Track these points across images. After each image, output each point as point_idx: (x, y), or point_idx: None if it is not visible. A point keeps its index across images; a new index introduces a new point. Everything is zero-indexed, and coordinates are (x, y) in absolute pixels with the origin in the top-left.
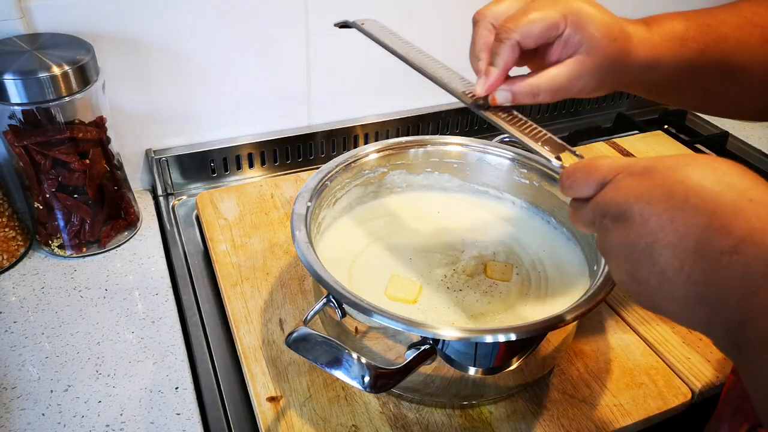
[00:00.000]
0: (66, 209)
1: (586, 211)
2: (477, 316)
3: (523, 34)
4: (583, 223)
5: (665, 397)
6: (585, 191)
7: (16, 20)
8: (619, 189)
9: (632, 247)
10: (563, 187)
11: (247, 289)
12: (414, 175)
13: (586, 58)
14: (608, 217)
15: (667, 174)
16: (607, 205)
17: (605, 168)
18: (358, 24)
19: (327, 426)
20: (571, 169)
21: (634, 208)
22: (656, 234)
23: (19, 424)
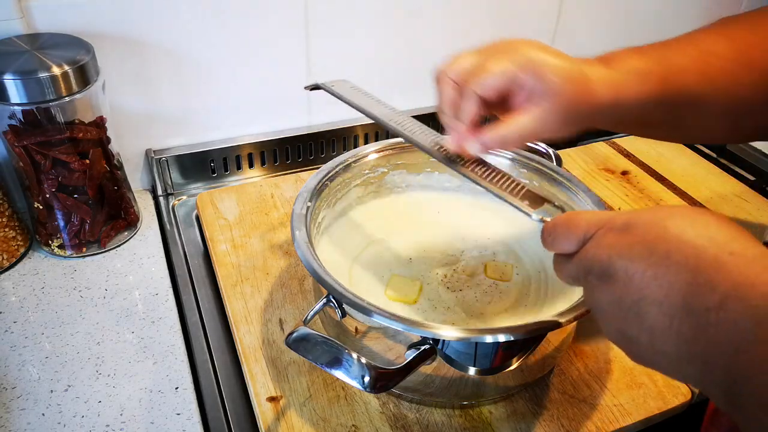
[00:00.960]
0: (66, 209)
1: (570, 267)
2: (477, 316)
3: (483, 88)
4: (568, 279)
5: (665, 397)
6: (567, 247)
7: (16, 20)
8: (601, 246)
9: (619, 304)
10: (545, 243)
11: (247, 289)
12: (414, 175)
13: (549, 104)
14: (593, 275)
15: (647, 229)
16: (590, 262)
17: (585, 224)
18: (328, 86)
19: (327, 426)
20: (551, 225)
21: (617, 266)
22: (642, 291)
23: (19, 424)
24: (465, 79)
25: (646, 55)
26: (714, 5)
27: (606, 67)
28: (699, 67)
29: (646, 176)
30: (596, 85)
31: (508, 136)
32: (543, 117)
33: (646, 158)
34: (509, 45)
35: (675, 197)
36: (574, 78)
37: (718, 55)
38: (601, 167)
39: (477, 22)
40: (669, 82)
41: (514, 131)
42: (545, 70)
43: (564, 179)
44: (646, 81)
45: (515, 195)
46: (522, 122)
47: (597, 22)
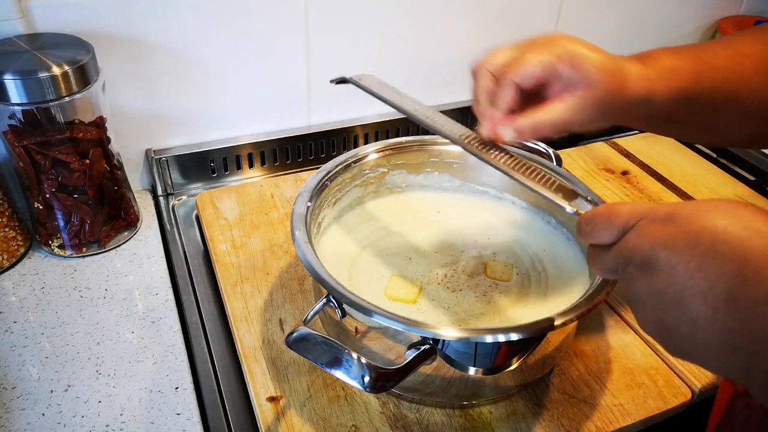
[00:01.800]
0: (66, 209)
1: (608, 258)
2: (477, 316)
3: (521, 76)
4: (605, 270)
5: (665, 397)
6: (605, 238)
7: (16, 20)
8: (643, 236)
9: (661, 295)
10: (582, 234)
11: (247, 289)
12: (414, 175)
13: (585, 93)
14: (633, 265)
15: (691, 220)
16: (631, 252)
17: (626, 214)
18: (356, 80)
19: (327, 426)
20: (590, 215)
21: (660, 256)
22: (685, 282)
23: (19, 424)
24: (503, 70)
25: (680, 54)
26: (714, 6)
27: (640, 63)
28: (732, 66)
29: (646, 176)
30: (632, 79)
31: (542, 122)
32: (578, 106)
33: (646, 158)
34: (548, 38)
35: (675, 197)
36: (610, 70)
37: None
38: (601, 167)
39: (476, 23)
40: (701, 80)
41: (548, 118)
42: (583, 61)
43: (564, 179)
44: (678, 78)
45: (549, 188)
46: (557, 110)
47: (597, 22)
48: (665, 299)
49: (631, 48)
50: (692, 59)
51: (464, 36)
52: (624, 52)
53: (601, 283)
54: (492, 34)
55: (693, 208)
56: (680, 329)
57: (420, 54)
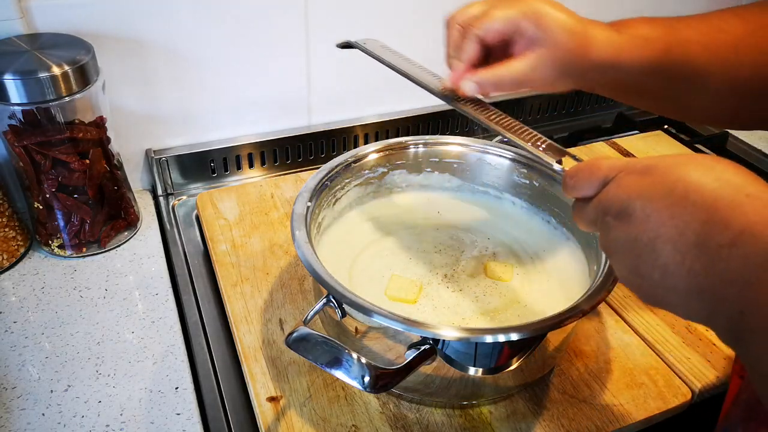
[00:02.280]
0: (66, 209)
1: (589, 209)
2: (477, 316)
3: (484, 29)
4: (586, 222)
5: (665, 397)
6: (587, 190)
7: (16, 20)
8: (621, 187)
9: (635, 242)
10: (566, 188)
11: (247, 289)
12: (414, 175)
13: (545, 51)
14: (610, 215)
15: (667, 172)
16: (609, 202)
17: (606, 167)
18: (360, 44)
19: (327, 426)
20: (573, 170)
21: (636, 205)
22: (658, 230)
23: (19, 424)
24: (470, 23)
25: (655, 24)
26: (714, 6)
27: (612, 29)
28: (705, 40)
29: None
30: (596, 42)
31: (502, 77)
32: (538, 63)
33: None
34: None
35: None
36: (573, 31)
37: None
38: None
39: None
40: (672, 51)
41: (508, 73)
42: (546, 20)
43: None
44: (649, 46)
45: (537, 146)
46: (517, 66)
47: None
48: (639, 246)
49: None
50: (666, 30)
51: None
52: None
53: (601, 283)
54: None
55: (670, 160)
56: (652, 275)
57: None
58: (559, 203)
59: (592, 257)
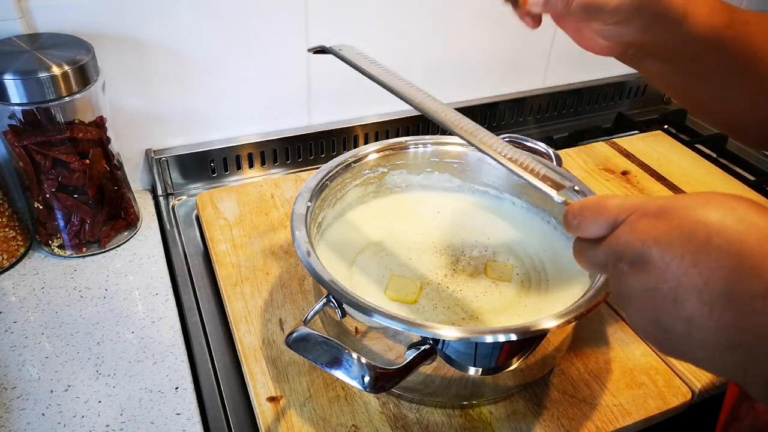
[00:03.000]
0: (66, 209)
1: (597, 253)
2: (477, 316)
3: None
4: (593, 265)
5: (665, 397)
6: (594, 231)
7: (16, 20)
8: (635, 231)
9: (654, 292)
10: (568, 226)
11: (247, 289)
12: (414, 175)
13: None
14: (624, 261)
15: (684, 214)
16: (622, 248)
17: (616, 208)
18: (336, 50)
19: (327, 426)
20: (577, 207)
21: (653, 252)
22: (680, 278)
23: (19, 424)
24: None
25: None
26: None
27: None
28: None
29: (646, 176)
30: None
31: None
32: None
33: (646, 158)
34: None
35: None
36: None
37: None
38: (601, 167)
39: (478, 23)
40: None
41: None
42: None
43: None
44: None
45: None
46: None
47: None
48: (659, 297)
49: None
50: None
51: (465, 36)
52: None
53: (602, 284)
54: (492, 34)
55: (686, 201)
56: (675, 328)
57: (421, 54)
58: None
59: None
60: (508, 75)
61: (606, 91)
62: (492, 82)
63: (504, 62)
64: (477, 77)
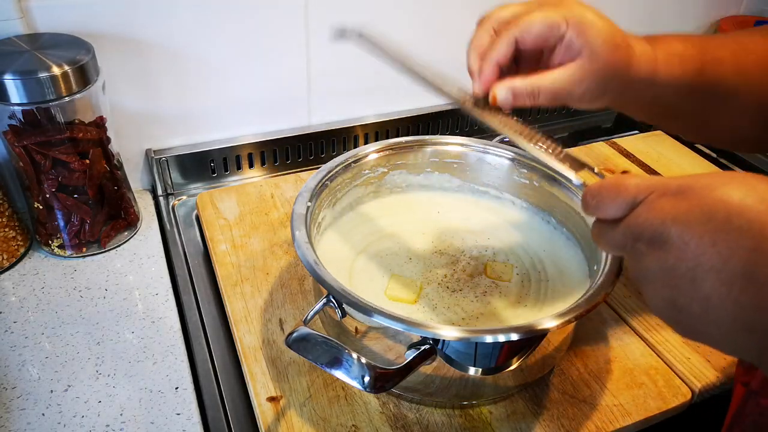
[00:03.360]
0: (66, 209)
1: (616, 233)
2: (477, 316)
3: (521, 30)
4: (612, 246)
5: (665, 397)
6: (613, 212)
7: (16, 20)
8: (654, 210)
9: (672, 272)
10: (587, 207)
11: (247, 289)
12: (414, 175)
13: (587, 63)
14: (642, 241)
15: (704, 193)
16: (640, 227)
17: (635, 187)
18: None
19: (327, 426)
20: (596, 187)
21: (672, 231)
22: (698, 258)
23: (19, 424)
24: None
25: (688, 42)
26: (714, 6)
27: (648, 43)
28: (736, 60)
29: (646, 176)
30: (637, 57)
31: (541, 86)
32: (579, 74)
33: (646, 158)
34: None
35: None
36: (616, 42)
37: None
38: (601, 167)
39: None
40: (706, 70)
41: (546, 82)
42: (590, 28)
43: (564, 179)
44: (684, 65)
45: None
46: (556, 76)
47: None
48: (677, 276)
49: None
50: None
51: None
52: None
53: (601, 284)
54: None
55: (706, 180)
56: (692, 308)
57: (421, 53)
58: (559, 203)
59: (592, 257)
60: None
61: None
62: None
63: None
64: None
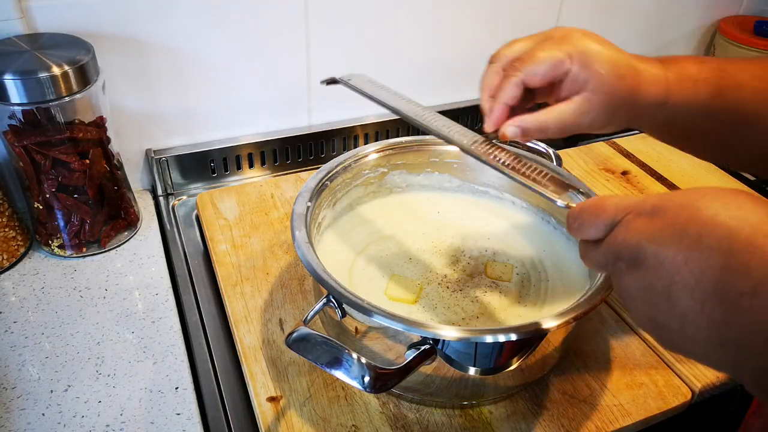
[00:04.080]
0: (66, 209)
1: (597, 253)
2: (477, 316)
3: (527, 72)
4: (595, 265)
5: (665, 397)
6: (593, 233)
7: (16, 20)
8: (630, 231)
9: (649, 290)
10: (570, 229)
11: (247, 289)
12: (414, 175)
13: (593, 96)
14: (622, 260)
15: (678, 212)
16: (618, 247)
17: (613, 209)
18: (345, 80)
19: (327, 426)
20: (577, 210)
21: (647, 251)
22: (672, 276)
23: (19, 424)
24: (512, 65)
25: (705, 64)
26: (714, 6)
27: (661, 65)
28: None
29: (646, 176)
30: (646, 81)
31: (548, 121)
32: (585, 107)
33: (646, 158)
34: (563, 33)
35: None
36: (621, 71)
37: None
38: (601, 167)
39: (476, 23)
40: (724, 94)
41: (553, 118)
42: (592, 60)
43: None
44: (699, 88)
45: (539, 181)
46: (562, 110)
47: (596, 23)
48: (654, 295)
49: (631, 48)
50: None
51: (464, 36)
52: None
53: (602, 284)
54: (492, 34)
55: (680, 199)
56: (671, 324)
57: (420, 54)
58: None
59: None
60: None
61: None
62: None
63: None
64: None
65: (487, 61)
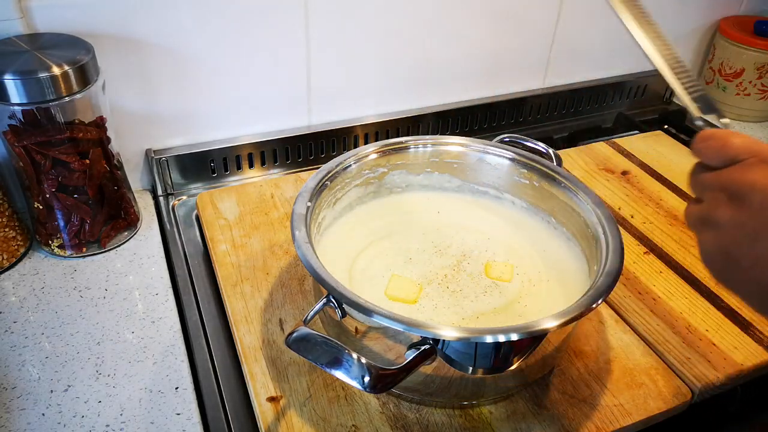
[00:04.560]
0: (66, 209)
1: (706, 178)
2: (477, 316)
3: None
4: (696, 185)
5: (665, 397)
6: (713, 160)
7: (16, 20)
8: (748, 174)
9: (739, 226)
10: (694, 148)
11: (247, 289)
12: (414, 175)
13: None
14: (726, 192)
15: None
16: (729, 182)
17: (739, 147)
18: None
19: (327, 426)
20: (707, 134)
21: (756, 196)
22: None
23: (19, 424)
24: None
25: None
26: (714, 6)
27: None
28: None
29: (646, 176)
30: None
31: None
32: None
33: (646, 158)
34: None
35: (675, 197)
36: None
37: None
38: (601, 167)
39: (476, 23)
40: None
41: None
42: None
43: (564, 179)
44: None
45: (688, 92)
46: None
47: (597, 23)
48: (741, 231)
49: (631, 48)
50: None
51: (464, 36)
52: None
53: (601, 284)
54: (492, 34)
55: None
56: (742, 261)
57: (420, 54)
58: (559, 203)
59: (592, 257)
60: (507, 75)
61: (606, 91)
62: (492, 82)
63: (503, 62)
64: (477, 77)
65: None
